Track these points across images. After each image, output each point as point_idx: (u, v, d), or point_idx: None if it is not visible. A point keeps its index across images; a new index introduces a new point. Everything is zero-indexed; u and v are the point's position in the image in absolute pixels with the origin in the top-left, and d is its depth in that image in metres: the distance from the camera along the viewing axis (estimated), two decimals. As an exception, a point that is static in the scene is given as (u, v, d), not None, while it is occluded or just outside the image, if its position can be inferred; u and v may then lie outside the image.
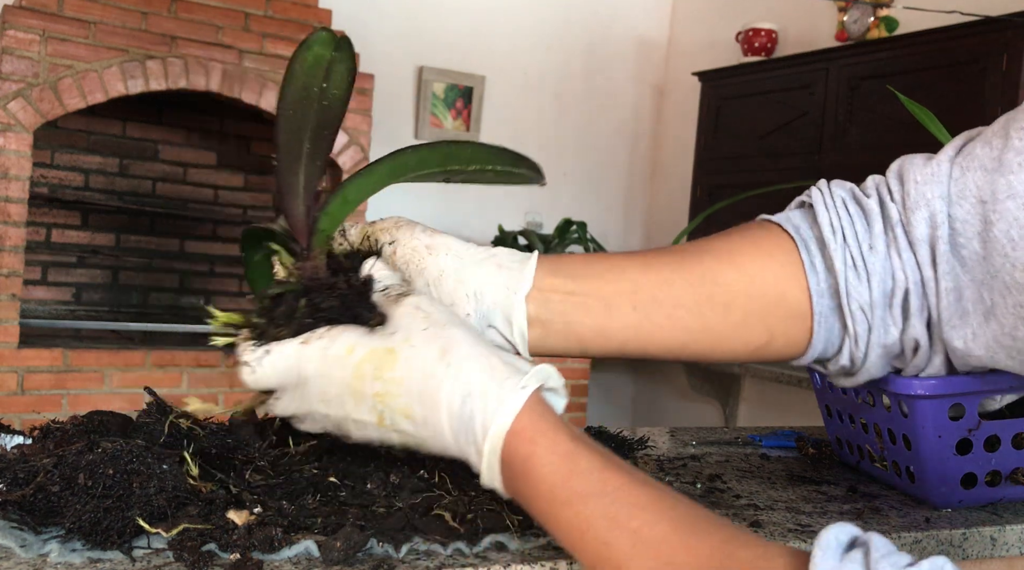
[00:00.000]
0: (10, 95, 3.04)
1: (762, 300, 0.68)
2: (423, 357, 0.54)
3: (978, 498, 0.81)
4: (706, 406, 4.47)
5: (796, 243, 0.69)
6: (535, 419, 0.52)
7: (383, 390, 0.55)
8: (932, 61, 3.29)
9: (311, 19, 3.58)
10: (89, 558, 0.51)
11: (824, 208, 0.70)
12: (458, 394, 0.53)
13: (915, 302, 0.68)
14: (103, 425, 0.64)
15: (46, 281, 3.67)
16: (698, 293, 0.67)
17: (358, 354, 0.55)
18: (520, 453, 0.52)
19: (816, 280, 0.68)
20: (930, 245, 0.67)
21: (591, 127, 4.70)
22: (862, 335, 0.69)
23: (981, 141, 0.67)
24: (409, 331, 0.56)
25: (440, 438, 0.54)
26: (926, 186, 0.67)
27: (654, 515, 0.49)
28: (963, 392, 0.76)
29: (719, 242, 0.70)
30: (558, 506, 0.50)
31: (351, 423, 0.57)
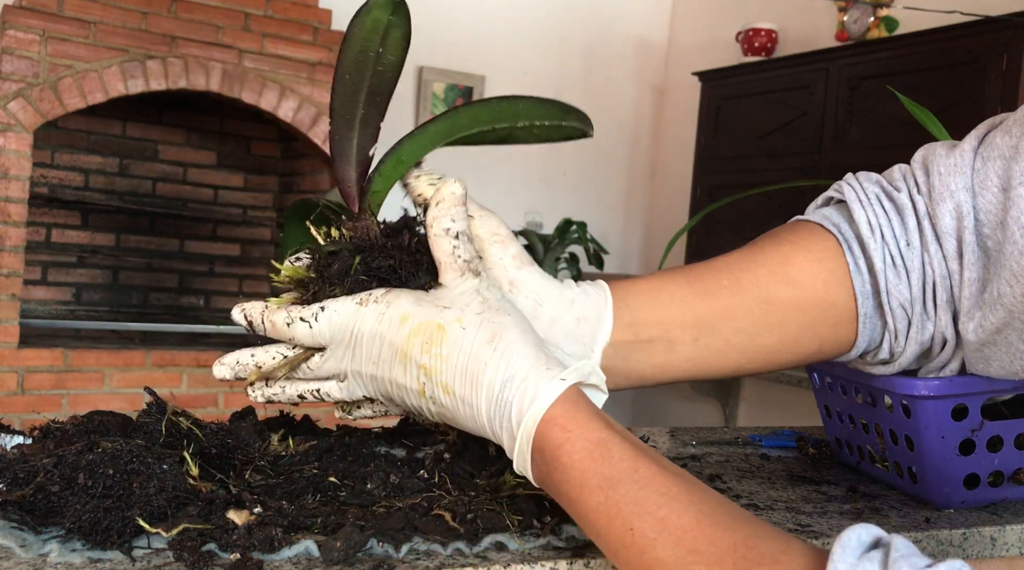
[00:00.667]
0: (10, 95, 3.04)
1: (814, 311, 0.68)
2: (472, 340, 0.56)
3: (980, 499, 0.81)
4: (706, 406, 4.47)
5: (840, 244, 0.69)
6: (569, 408, 0.53)
7: (429, 364, 0.56)
8: (932, 61, 3.29)
9: (311, 19, 3.58)
10: (89, 558, 0.51)
11: (860, 206, 0.70)
12: (499, 379, 0.54)
13: (942, 295, 0.68)
14: (103, 425, 0.64)
15: (46, 281, 3.67)
16: (755, 316, 0.67)
17: (410, 324, 0.57)
18: (553, 440, 0.53)
19: (861, 282, 0.69)
20: (956, 237, 0.67)
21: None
22: (902, 331, 0.69)
23: (1002, 130, 0.67)
24: (463, 311, 0.57)
25: (476, 418, 0.56)
26: (950, 177, 0.67)
27: (682, 505, 0.49)
28: (966, 392, 0.76)
29: (771, 252, 0.69)
30: (587, 491, 0.51)
31: (394, 386, 0.59)
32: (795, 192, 3.42)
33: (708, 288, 0.67)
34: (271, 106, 3.50)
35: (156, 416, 0.62)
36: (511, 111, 0.63)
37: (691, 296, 0.67)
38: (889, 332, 0.70)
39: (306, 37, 3.57)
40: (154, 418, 0.62)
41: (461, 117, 0.63)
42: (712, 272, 0.68)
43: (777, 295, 0.68)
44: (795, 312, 0.68)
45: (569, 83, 4.62)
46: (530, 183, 4.53)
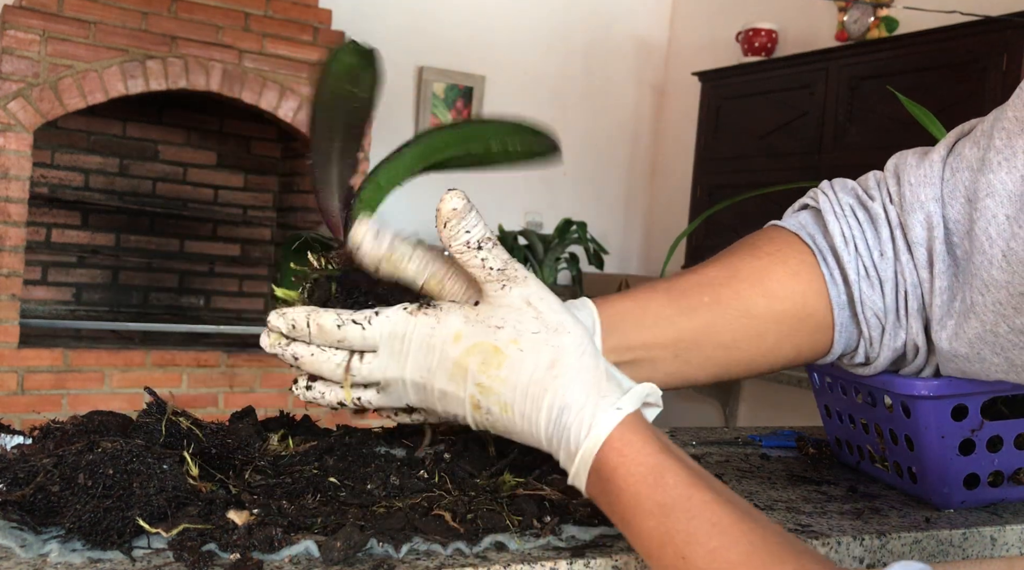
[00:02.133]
0: (10, 95, 3.04)
1: (791, 322, 0.70)
2: (533, 364, 0.56)
3: (980, 499, 0.81)
4: (706, 406, 4.47)
5: (816, 256, 0.71)
6: (626, 432, 0.54)
7: (487, 383, 0.57)
8: (932, 61, 3.29)
9: (311, 19, 3.58)
10: (89, 558, 0.51)
11: (834, 217, 0.71)
12: (557, 406, 0.55)
13: (913, 304, 0.69)
14: (103, 425, 0.64)
15: (46, 281, 3.67)
16: (734, 329, 0.69)
17: (464, 343, 0.57)
18: (608, 464, 0.53)
19: (836, 292, 0.70)
20: (927, 247, 0.68)
21: (591, 127, 4.71)
22: (876, 338, 0.71)
23: (971, 141, 0.68)
24: (519, 331, 0.57)
25: (535, 434, 0.57)
26: (920, 188, 0.68)
27: (733, 538, 0.49)
28: (966, 393, 0.76)
29: (749, 264, 0.71)
30: (641, 516, 0.52)
31: (442, 396, 0.59)
32: (795, 192, 3.42)
33: (691, 304, 0.69)
34: (271, 106, 3.50)
35: (156, 416, 0.62)
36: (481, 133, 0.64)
37: (674, 315, 0.68)
38: (864, 339, 0.71)
39: (306, 37, 3.57)
40: (154, 418, 0.62)
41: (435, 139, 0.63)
42: (694, 288, 0.69)
43: (756, 308, 0.69)
44: (773, 324, 0.70)
45: (569, 83, 4.62)
46: (530, 183, 4.53)
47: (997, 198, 0.63)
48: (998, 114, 0.67)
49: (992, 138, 0.65)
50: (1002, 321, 0.64)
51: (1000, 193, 0.63)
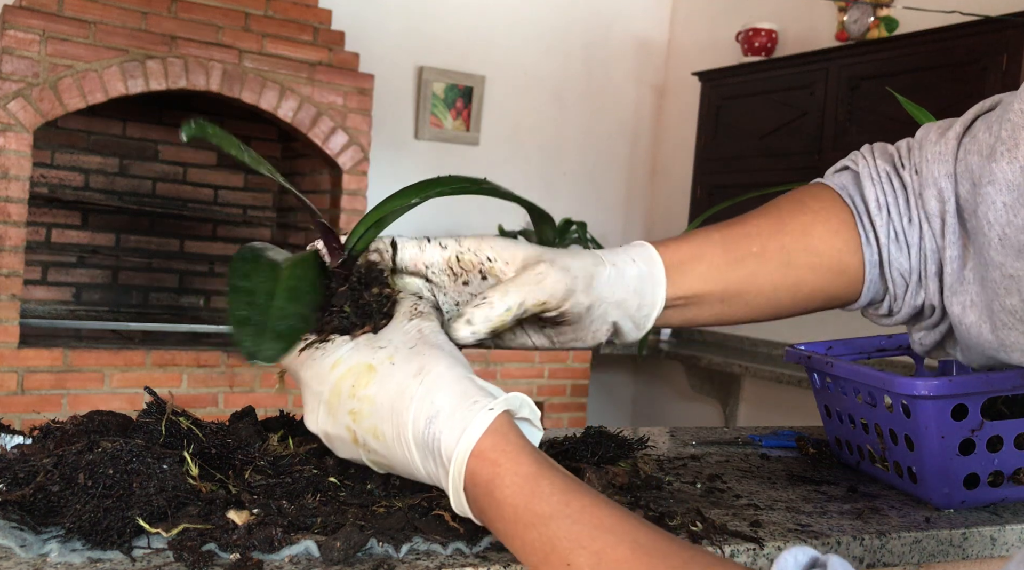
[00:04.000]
0: (10, 95, 3.04)
1: (827, 276, 0.75)
2: (401, 374, 0.54)
3: (980, 499, 0.81)
4: (706, 406, 4.47)
5: (854, 216, 0.75)
6: (498, 441, 0.52)
7: (356, 408, 0.55)
8: (932, 61, 3.29)
9: (311, 19, 3.58)
10: (89, 558, 0.51)
11: (871, 183, 0.75)
12: (424, 415, 0.53)
13: (932, 268, 0.74)
14: (103, 425, 0.64)
15: (46, 281, 3.67)
16: (775, 280, 0.73)
17: (340, 369, 0.56)
18: (483, 475, 0.52)
19: (869, 252, 0.75)
20: (940, 218, 0.73)
21: (591, 127, 4.70)
22: (900, 295, 0.76)
23: (985, 125, 0.71)
24: (397, 348, 0.56)
25: (409, 461, 0.54)
26: (935, 165, 0.73)
27: (616, 537, 0.49)
28: (966, 393, 0.76)
29: (795, 220, 0.75)
30: (522, 528, 0.51)
31: (333, 439, 0.58)
32: (795, 192, 3.41)
33: (740, 254, 0.73)
34: (271, 106, 3.49)
35: (156, 416, 0.62)
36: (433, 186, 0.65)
37: (724, 264, 0.72)
38: (889, 295, 0.76)
39: (306, 37, 3.57)
40: (154, 418, 0.62)
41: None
42: (744, 238, 0.73)
43: (798, 261, 0.74)
44: (810, 276, 0.74)
45: (569, 83, 4.62)
46: (530, 183, 4.53)
47: (997, 186, 0.66)
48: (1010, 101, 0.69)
49: (1000, 128, 0.68)
50: (995, 300, 0.68)
51: (1000, 181, 0.66)
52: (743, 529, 0.69)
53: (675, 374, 4.56)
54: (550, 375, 4.06)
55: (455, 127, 4.31)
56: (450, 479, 0.52)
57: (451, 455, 0.52)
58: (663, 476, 0.82)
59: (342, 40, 3.66)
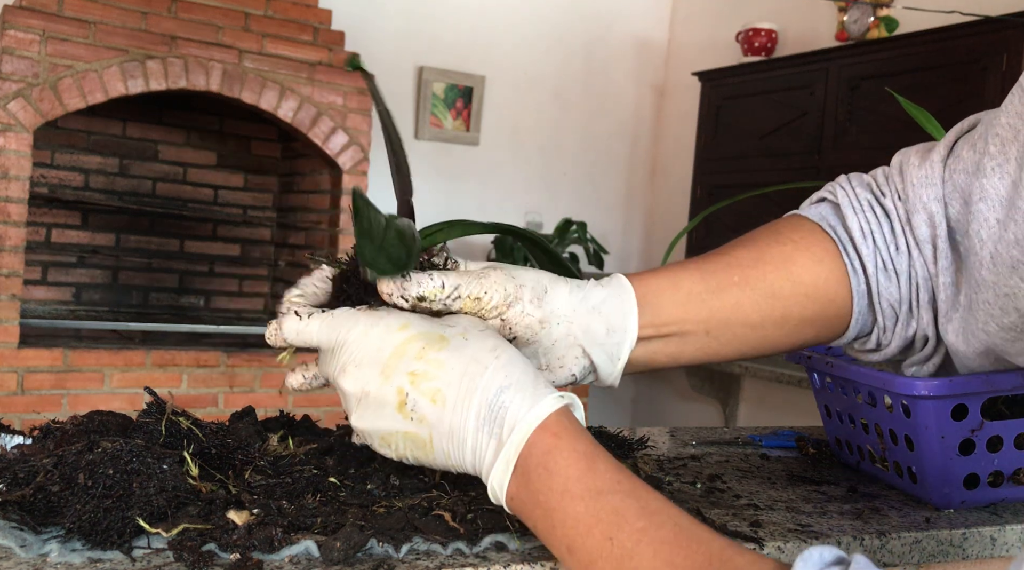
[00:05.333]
0: (10, 95, 3.04)
1: (815, 306, 0.73)
2: (475, 346, 0.57)
3: (980, 499, 0.81)
4: (706, 406, 4.47)
5: (837, 246, 0.73)
6: (563, 419, 0.55)
7: (422, 370, 0.56)
8: (932, 61, 3.29)
9: (311, 19, 3.58)
10: (89, 558, 0.51)
11: (852, 212, 0.74)
12: (496, 384, 0.55)
13: (924, 296, 0.72)
14: (103, 425, 0.64)
15: (46, 281, 3.67)
16: (762, 310, 0.71)
17: (410, 331, 0.57)
18: (542, 446, 0.53)
19: (856, 282, 0.73)
20: (932, 244, 0.71)
21: (591, 127, 4.71)
22: (890, 327, 0.74)
23: (968, 144, 0.70)
24: (468, 329, 0.59)
25: (461, 428, 0.55)
26: (922, 189, 0.71)
27: (660, 519, 0.51)
28: (966, 393, 0.76)
29: (775, 250, 0.73)
30: (568, 499, 0.52)
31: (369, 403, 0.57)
32: (795, 192, 3.42)
33: (720, 283, 0.70)
34: (271, 106, 3.49)
35: (156, 416, 0.62)
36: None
37: (705, 292, 0.70)
38: (878, 327, 0.74)
39: (306, 37, 3.57)
40: (154, 418, 0.62)
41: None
42: (724, 268, 0.71)
43: (782, 291, 0.71)
44: (797, 307, 0.72)
45: (569, 83, 4.62)
46: (530, 183, 4.53)
47: (989, 202, 0.65)
48: (994, 116, 0.68)
49: (987, 143, 0.67)
50: (991, 320, 0.67)
51: (992, 197, 0.65)
52: (743, 529, 0.69)
53: (675, 374, 4.56)
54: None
55: (455, 127, 4.31)
56: (507, 448, 0.54)
57: (516, 423, 0.54)
58: (663, 476, 0.82)
59: (342, 40, 3.66)
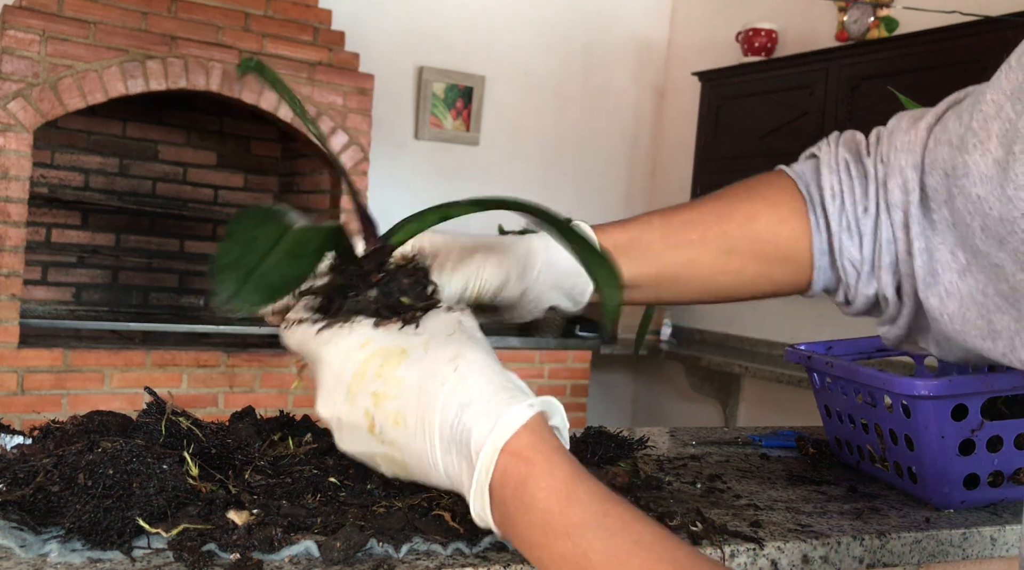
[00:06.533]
0: (10, 95, 3.04)
1: (771, 262, 0.76)
2: (433, 359, 0.51)
3: (980, 499, 0.81)
4: (706, 406, 4.47)
5: (806, 204, 0.76)
6: (534, 439, 0.49)
7: (380, 389, 0.51)
8: (932, 61, 3.29)
9: (311, 19, 3.58)
10: (89, 558, 0.51)
11: (828, 171, 0.76)
12: (456, 402, 0.49)
13: (886, 259, 0.74)
14: (103, 425, 0.64)
15: (46, 281, 3.67)
16: (714, 266, 0.74)
17: (369, 349, 0.53)
18: (514, 475, 0.48)
19: (819, 240, 0.75)
20: (903, 209, 0.72)
21: (591, 127, 4.70)
22: (852, 285, 0.76)
23: (955, 115, 0.70)
24: (433, 335, 0.53)
25: (428, 454, 0.50)
26: (902, 154, 0.72)
27: (656, 555, 0.46)
28: (966, 393, 0.76)
29: (742, 207, 0.76)
30: (552, 536, 0.47)
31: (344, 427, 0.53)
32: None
33: (678, 241, 0.74)
34: (271, 106, 3.49)
35: (156, 416, 0.62)
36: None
37: (661, 250, 0.74)
38: (843, 284, 0.76)
39: (306, 37, 3.57)
40: (154, 418, 0.62)
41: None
42: (685, 225, 0.75)
43: (739, 248, 0.75)
44: (752, 263, 0.75)
45: (569, 83, 4.62)
46: (530, 183, 4.53)
47: (971, 178, 0.66)
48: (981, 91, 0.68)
49: (972, 118, 0.67)
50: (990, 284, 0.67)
51: (974, 174, 0.65)
52: (743, 529, 0.69)
53: (675, 374, 4.56)
54: (550, 375, 4.06)
55: (455, 127, 4.31)
56: (476, 474, 0.48)
57: (481, 447, 0.48)
58: (663, 476, 0.82)
59: (342, 40, 3.66)
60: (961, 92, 0.74)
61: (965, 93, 0.73)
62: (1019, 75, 0.63)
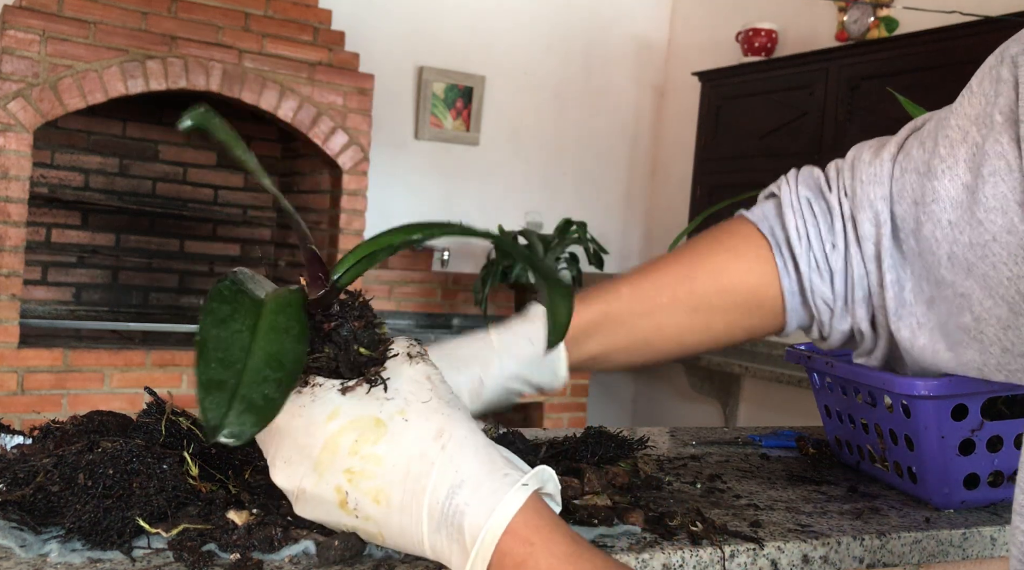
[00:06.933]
0: (10, 95, 3.04)
1: (742, 311, 0.76)
2: (416, 434, 0.49)
3: (980, 499, 0.81)
4: (706, 406, 4.47)
5: (772, 248, 0.76)
6: (531, 518, 0.47)
7: (359, 468, 0.48)
8: (932, 61, 3.29)
9: (311, 19, 3.58)
10: (89, 558, 0.51)
11: (791, 211, 0.76)
12: (446, 483, 0.47)
13: (859, 293, 0.74)
14: (103, 425, 0.64)
15: (46, 281, 3.67)
16: (682, 326, 0.75)
17: (340, 421, 0.49)
18: (514, 556, 0.46)
19: (789, 282, 0.75)
20: (875, 242, 0.72)
21: (591, 127, 4.70)
22: (826, 322, 0.76)
23: (918, 142, 0.71)
24: (408, 401, 0.50)
25: (411, 532, 0.48)
26: (870, 186, 0.72)
27: None
28: (966, 393, 0.76)
29: (709, 262, 0.76)
30: None
31: (308, 499, 0.51)
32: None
33: (648, 307, 0.75)
34: (271, 106, 3.49)
35: (156, 416, 0.62)
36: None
37: (631, 319, 0.74)
38: (816, 321, 0.77)
39: (306, 37, 3.57)
40: (154, 418, 0.62)
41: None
42: (654, 290, 0.75)
43: (708, 304, 0.75)
44: (722, 316, 0.76)
45: (569, 83, 4.62)
46: (530, 183, 4.53)
47: (941, 204, 0.66)
48: (944, 116, 0.69)
49: (937, 145, 0.67)
50: (950, 318, 0.67)
51: (944, 199, 0.66)
52: (743, 529, 0.69)
53: (675, 374, 4.56)
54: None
55: (455, 127, 4.31)
56: (472, 558, 0.46)
57: (478, 532, 0.46)
58: (663, 476, 0.82)
59: (342, 40, 3.66)
60: (919, 119, 0.75)
61: (923, 120, 0.74)
62: (980, 100, 0.64)
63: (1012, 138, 0.60)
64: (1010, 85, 0.61)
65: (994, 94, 0.62)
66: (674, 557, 0.62)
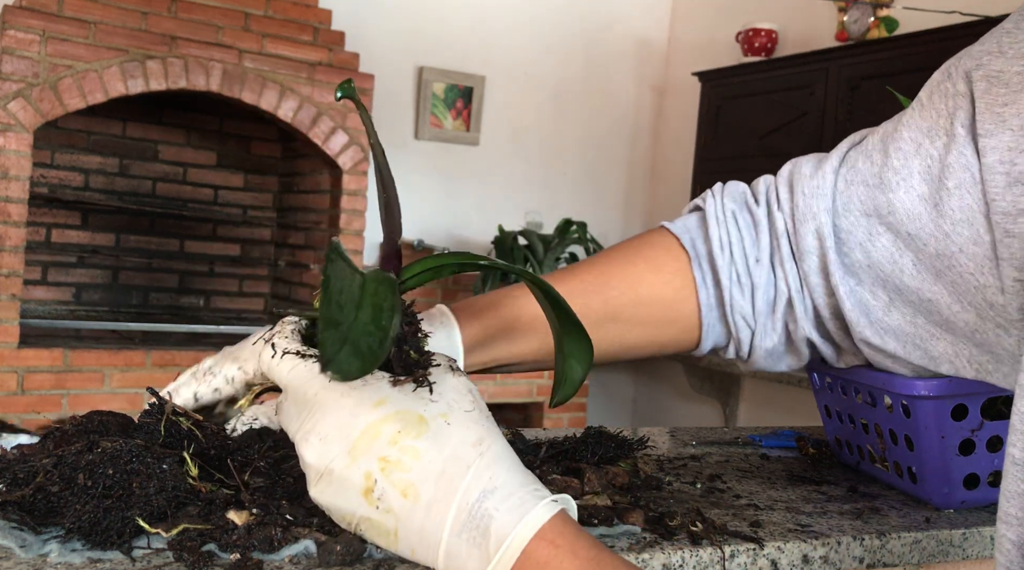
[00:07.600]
0: (10, 95, 3.04)
1: (655, 324, 0.75)
2: (458, 438, 0.50)
3: (981, 499, 0.81)
4: (706, 406, 4.47)
5: (691, 260, 0.75)
6: (558, 524, 0.49)
7: (395, 458, 0.49)
8: (932, 61, 3.27)
9: (311, 19, 3.58)
10: (89, 558, 0.51)
11: (715, 222, 0.75)
12: (479, 487, 0.49)
13: (799, 308, 0.73)
14: (103, 425, 0.64)
15: (46, 281, 3.67)
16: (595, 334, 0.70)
17: (386, 410, 0.50)
18: (538, 556, 0.47)
19: (707, 296, 0.75)
20: (819, 256, 0.72)
21: (591, 127, 4.71)
22: (744, 340, 0.75)
23: (863, 154, 0.71)
24: (452, 407, 0.52)
25: (432, 531, 0.49)
26: (813, 199, 0.72)
27: None
28: (966, 393, 0.76)
29: (623, 269, 0.75)
30: None
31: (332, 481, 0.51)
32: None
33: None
34: (271, 106, 3.50)
35: (156, 416, 0.62)
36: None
37: (542, 325, 0.71)
38: (733, 339, 0.76)
39: (306, 37, 3.57)
40: (154, 418, 0.62)
41: None
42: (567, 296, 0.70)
43: (620, 315, 0.74)
44: (636, 327, 0.75)
45: (569, 83, 4.62)
46: (530, 183, 4.53)
47: (898, 216, 0.66)
48: (891, 129, 0.69)
49: (888, 157, 0.67)
50: (917, 318, 0.68)
51: (900, 212, 0.66)
52: (743, 529, 0.69)
53: (675, 374, 4.56)
54: (550, 375, 4.06)
55: (455, 127, 4.31)
56: (495, 560, 0.47)
57: (506, 536, 0.47)
58: (663, 476, 0.82)
59: (342, 40, 3.66)
60: (856, 135, 0.74)
61: (861, 135, 0.74)
62: (932, 113, 0.64)
63: (974, 151, 0.61)
64: (967, 99, 0.61)
65: (953, 107, 0.62)
66: (674, 557, 0.62)
